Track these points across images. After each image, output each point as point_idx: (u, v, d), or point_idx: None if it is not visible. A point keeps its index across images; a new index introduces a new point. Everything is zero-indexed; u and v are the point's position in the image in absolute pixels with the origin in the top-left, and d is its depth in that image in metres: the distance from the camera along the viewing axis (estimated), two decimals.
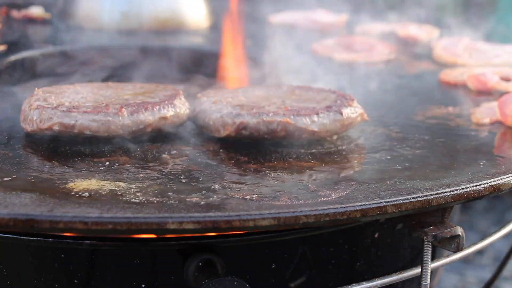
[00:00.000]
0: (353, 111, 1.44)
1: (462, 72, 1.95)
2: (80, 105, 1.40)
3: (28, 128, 1.39)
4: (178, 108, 1.43)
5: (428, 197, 1.17)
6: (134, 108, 1.38)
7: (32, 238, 1.28)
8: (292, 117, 1.38)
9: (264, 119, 1.37)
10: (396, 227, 1.50)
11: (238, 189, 1.19)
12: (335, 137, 1.46)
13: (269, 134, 1.38)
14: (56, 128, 1.35)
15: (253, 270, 1.39)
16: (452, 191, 1.19)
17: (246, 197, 1.16)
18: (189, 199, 1.14)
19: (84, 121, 1.34)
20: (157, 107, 1.40)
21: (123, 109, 1.36)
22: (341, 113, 1.41)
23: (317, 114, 1.40)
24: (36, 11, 2.72)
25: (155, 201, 1.13)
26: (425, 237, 1.24)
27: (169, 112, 1.41)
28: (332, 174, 1.30)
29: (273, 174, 1.28)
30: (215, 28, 2.59)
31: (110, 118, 1.35)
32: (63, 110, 1.36)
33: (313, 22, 2.65)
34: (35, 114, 1.37)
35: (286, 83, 1.84)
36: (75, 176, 1.23)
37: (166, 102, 1.43)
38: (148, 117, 1.38)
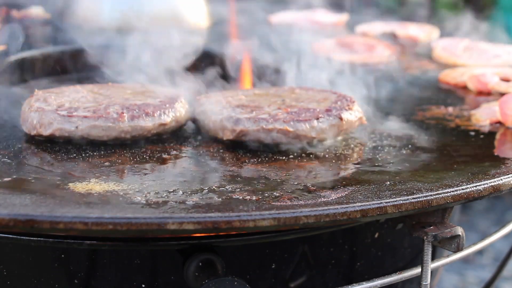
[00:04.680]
0: (352, 115, 1.44)
1: (462, 72, 1.95)
2: (80, 106, 1.40)
3: (28, 132, 1.39)
4: (179, 112, 1.44)
5: (428, 198, 1.17)
6: (134, 112, 1.38)
7: (32, 238, 1.28)
8: (292, 123, 1.38)
9: (264, 127, 1.37)
10: (396, 227, 1.50)
11: (238, 189, 1.19)
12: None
13: (268, 140, 1.38)
14: (56, 133, 1.36)
15: (253, 270, 1.39)
16: (452, 191, 1.19)
17: (246, 198, 1.16)
18: (189, 199, 1.14)
19: (84, 127, 1.35)
20: (158, 112, 1.40)
21: (124, 114, 1.36)
22: (341, 118, 1.41)
23: (317, 119, 1.40)
24: (36, 11, 2.72)
25: (155, 202, 1.13)
26: (425, 237, 1.24)
27: (169, 117, 1.41)
28: (332, 174, 1.30)
29: (273, 174, 1.28)
30: (215, 28, 2.59)
31: (110, 124, 1.35)
32: (63, 115, 1.36)
33: (313, 22, 2.65)
34: (35, 117, 1.38)
35: (286, 83, 1.84)
36: (75, 177, 1.23)
37: (167, 105, 1.43)
38: (148, 124, 1.38)
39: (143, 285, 1.34)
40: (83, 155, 1.34)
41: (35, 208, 1.07)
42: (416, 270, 1.33)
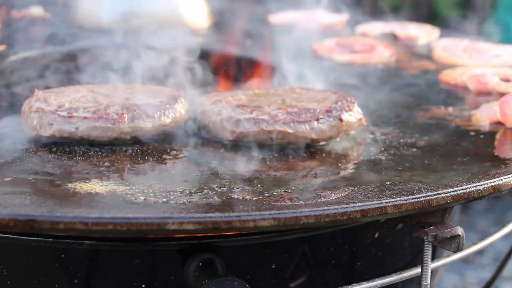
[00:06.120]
0: (352, 116, 1.44)
1: (462, 72, 1.95)
2: (80, 106, 1.40)
3: (29, 132, 1.39)
4: (178, 112, 1.44)
5: (428, 198, 1.17)
6: (134, 113, 1.38)
7: (32, 238, 1.28)
8: (292, 124, 1.38)
9: (264, 128, 1.37)
10: (396, 227, 1.50)
11: (238, 189, 1.19)
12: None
13: (268, 141, 1.38)
14: (56, 134, 1.36)
15: (253, 270, 1.39)
16: (452, 191, 1.19)
17: (246, 198, 1.16)
18: (189, 199, 1.14)
19: (84, 128, 1.35)
20: (158, 113, 1.40)
21: (124, 115, 1.36)
22: (341, 119, 1.41)
23: (317, 120, 1.40)
24: (36, 11, 2.72)
25: (155, 202, 1.13)
26: (425, 237, 1.24)
27: (169, 118, 1.41)
28: (332, 174, 1.30)
29: (273, 174, 1.28)
30: (215, 28, 2.59)
31: (110, 125, 1.35)
32: (63, 116, 1.36)
33: (313, 22, 2.65)
34: (35, 117, 1.38)
35: (286, 84, 1.84)
36: (75, 177, 1.23)
37: (167, 106, 1.43)
38: (147, 125, 1.38)
39: (143, 285, 1.34)
40: (83, 155, 1.34)
41: (35, 208, 1.07)
42: (416, 270, 1.33)
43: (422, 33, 2.49)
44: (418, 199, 1.16)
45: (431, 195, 1.17)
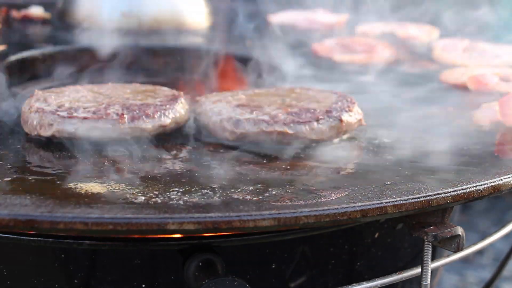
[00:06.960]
0: (352, 117, 1.45)
1: (462, 72, 1.94)
2: (80, 106, 1.40)
3: (29, 132, 1.40)
4: (178, 113, 1.44)
5: (428, 198, 1.17)
6: (134, 113, 1.38)
7: (32, 238, 1.28)
8: (291, 125, 1.38)
9: (264, 129, 1.37)
10: (396, 227, 1.50)
11: (238, 189, 1.19)
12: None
13: (268, 141, 1.38)
14: (56, 135, 1.36)
15: (253, 270, 1.39)
16: (452, 191, 1.19)
17: (246, 198, 1.16)
18: (189, 199, 1.14)
19: (85, 128, 1.35)
20: (158, 113, 1.40)
21: (124, 116, 1.36)
22: (341, 120, 1.42)
23: (317, 120, 1.40)
24: (36, 11, 2.73)
25: (155, 202, 1.13)
26: (425, 237, 1.24)
27: (169, 119, 1.41)
28: (332, 174, 1.30)
29: (273, 174, 1.28)
30: (215, 28, 2.60)
31: (110, 126, 1.35)
32: (63, 116, 1.36)
33: (313, 22, 2.65)
34: (35, 118, 1.38)
35: (286, 84, 1.85)
36: (75, 177, 1.23)
37: (167, 106, 1.43)
38: (147, 125, 1.38)
39: (143, 285, 1.34)
40: (83, 155, 1.34)
41: (35, 208, 1.07)
42: (416, 270, 1.34)
43: (422, 33, 2.49)
44: (418, 199, 1.16)
45: (431, 195, 1.18)
